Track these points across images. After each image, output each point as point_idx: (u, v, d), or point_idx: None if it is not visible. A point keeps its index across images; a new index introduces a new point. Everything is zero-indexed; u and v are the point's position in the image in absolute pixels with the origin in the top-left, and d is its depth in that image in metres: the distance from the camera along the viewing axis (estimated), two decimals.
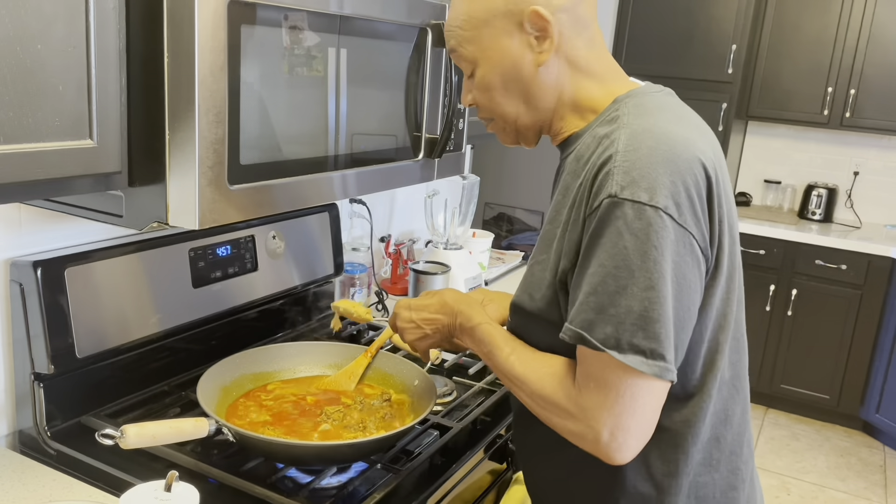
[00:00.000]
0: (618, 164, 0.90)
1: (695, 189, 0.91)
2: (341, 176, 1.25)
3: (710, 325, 0.98)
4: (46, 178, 0.87)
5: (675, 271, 0.89)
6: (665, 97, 1.04)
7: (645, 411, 0.91)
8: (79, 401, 1.32)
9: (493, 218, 3.23)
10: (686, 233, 0.89)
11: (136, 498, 0.96)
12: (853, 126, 3.88)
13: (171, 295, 1.43)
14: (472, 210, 2.38)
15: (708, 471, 1.04)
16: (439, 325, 1.18)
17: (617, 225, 0.88)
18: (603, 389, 0.90)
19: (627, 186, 0.88)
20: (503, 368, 1.04)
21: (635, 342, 0.87)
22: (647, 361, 0.87)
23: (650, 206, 0.87)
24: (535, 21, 0.98)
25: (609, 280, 0.88)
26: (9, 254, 1.27)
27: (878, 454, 3.72)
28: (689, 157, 0.92)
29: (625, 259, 0.87)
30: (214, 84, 0.95)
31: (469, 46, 1.04)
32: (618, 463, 0.93)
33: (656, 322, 0.87)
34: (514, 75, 1.02)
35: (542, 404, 0.98)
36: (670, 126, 0.95)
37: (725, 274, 0.97)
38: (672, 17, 3.99)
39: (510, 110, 1.06)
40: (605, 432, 0.90)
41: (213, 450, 1.25)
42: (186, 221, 0.98)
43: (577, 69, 1.03)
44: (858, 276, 3.71)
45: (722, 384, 1.03)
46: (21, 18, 0.81)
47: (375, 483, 1.22)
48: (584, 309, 0.90)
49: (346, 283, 2.04)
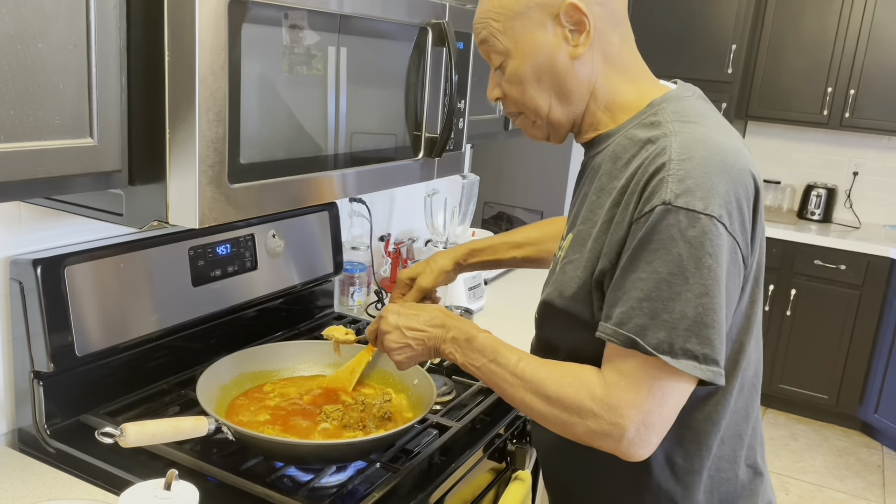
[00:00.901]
0: (672, 171, 0.91)
1: (745, 199, 0.92)
2: (341, 175, 1.25)
3: (736, 327, 0.99)
4: (47, 176, 0.87)
5: (726, 279, 0.90)
6: (700, 103, 1.04)
7: (672, 410, 0.93)
8: (78, 399, 1.32)
9: (492, 217, 3.23)
10: (734, 242, 0.91)
11: (136, 496, 0.96)
12: (853, 126, 3.88)
13: (170, 293, 1.43)
14: (471, 209, 2.38)
15: (731, 467, 1.05)
16: (426, 337, 1.13)
17: (671, 232, 0.89)
18: (635, 387, 0.91)
19: (682, 195, 0.89)
20: (514, 372, 1.01)
21: (689, 347, 0.89)
22: (699, 366, 0.89)
23: (705, 215, 0.88)
24: (572, 14, 0.98)
25: (663, 286, 0.89)
26: (9, 252, 1.27)
27: (877, 454, 3.72)
28: (741, 167, 0.93)
29: (679, 266, 0.88)
30: (215, 83, 0.95)
31: (501, 38, 1.02)
32: (636, 459, 0.94)
33: (710, 328, 0.89)
34: (549, 68, 1.02)
35: (559, 405, 0.96)
36: (719, 136, 0.96)
37: (752, 278, 0.98)
38: (672, 17, 3.99)
39: (542, 104, 1.05)
40: (632, 429, 0.91)
41: (212, 448, 1.25)
42: (186, 220, 0.98)
43: (610, 65, 1.03)
44: (857, 277, 3.72)
45: (745, 382, 1.04)
46: (22, 17, 0.81)
47: (375, 482, 1.22)
48: (636, 314, 0.91)
49: (346, 282, 2.04)
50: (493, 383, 1.05)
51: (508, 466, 1.54)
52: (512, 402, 1.03)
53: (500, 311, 2.20)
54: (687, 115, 0.99)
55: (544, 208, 3.11)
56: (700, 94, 1.08)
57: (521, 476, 1.48)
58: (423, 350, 1.14)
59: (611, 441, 0.93)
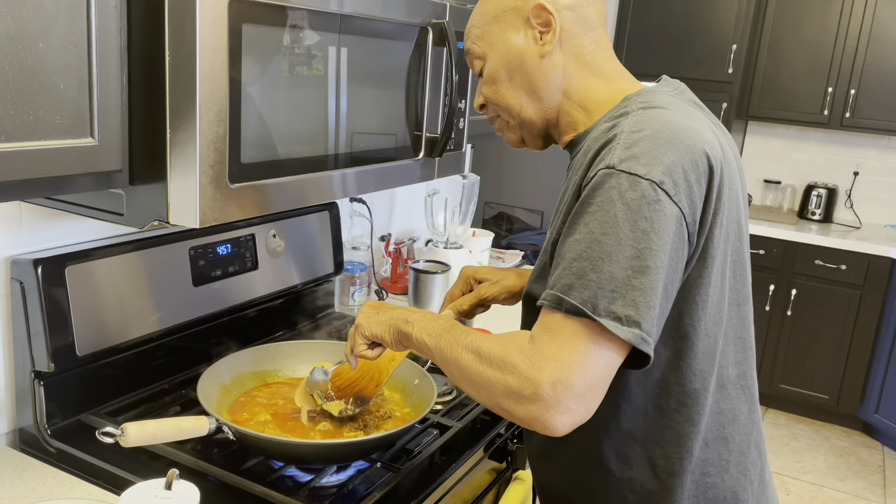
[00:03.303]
0: (621, 141, 0.91)
1: (693, 174, 0.91)
2: (341, 175, 1.25)
3: (705, 319, 0.98)
4: (47, 176, 0.87)
5: (663, 247, 0.88)
6: (674, 97, 1.04)
7: (595, 376, 0.86)
8: (79, 399, 1.32)
9: (492, 217, 3.23)
10: (679, 212, 0.89)
11: (137, 496, 0.96)
12: (853, 126, 3.88)
13: (171, 293, 1.43)
14: (472, 209, 2.38)
15: (718, 471, 1.04)
16: (392, 314, 1.09)
17: (611, 194, 0.88)
18: (556, 341, 0.87)
19: (626, 160, 0.89)
20: (458, 338, 0.97)
21: (613, 308, 0.85)
22: (621, 328, 0.85)
23: (646, 180, 0.87)
24: (539, 13, 1.02)
25: (595, 246, 0.87)
26: (9, 252, 1.27)
27: (877, 454, 3.72)
28: (693, 144, 0.92)
29: (614, 227, 0.87)
30: (215, 82, 0.95)
31: (480, 42, 1.08)
32: (555, 428, 0.87)
33: (637, 291, 0.86)
34: (519, 66, 1.05)
35: (486, 360, 0.91)
36: (678, 117, 0.96)
37: (718, 269, 0.97)
38: (672, 17, 3.99)
39: (514, 102, 1.08)
40: (547, 385, 0.85)
41: (213, 448, 1.25)
42: (187, 220, 0.98)
43: (583, 65, 1.05)
44: (858, 277, 3.71)
45: (727, 382, 1.03)
46: (22, 17, 0.81)
47: (375, 482, 1.22)
48: (566, 274, 0.89)
49: (346, 282, 2.04)
50: (438, 350, 1.00)
51: (509, 466, 1.55)
52: (447, 366, 0.98)
53: (501, 311, 2.19)
54: (654, 103, 0.99)
55: (544, 208, 3.11)
56: (681, 90, 1.08)
57: (521, 476, 1.48)
58: (388, 320, 1.09)
59: (526, 403, 0.86)
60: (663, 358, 0.99)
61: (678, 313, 0.96)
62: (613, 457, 1.04)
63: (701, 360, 0.99)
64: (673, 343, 0.98)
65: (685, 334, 0.97)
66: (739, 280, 1.03)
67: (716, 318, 0.99)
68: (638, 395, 1.01)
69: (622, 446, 1.03)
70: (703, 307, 0.97)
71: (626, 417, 1.02)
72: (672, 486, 1.02)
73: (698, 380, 1.00)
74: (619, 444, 1.03)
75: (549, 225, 1.12)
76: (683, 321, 0.97)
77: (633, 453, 1.03)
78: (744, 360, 1.06)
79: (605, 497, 1.06)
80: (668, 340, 0.98)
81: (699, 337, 0.98)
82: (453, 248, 2.22)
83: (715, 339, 1.00)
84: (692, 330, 0.97)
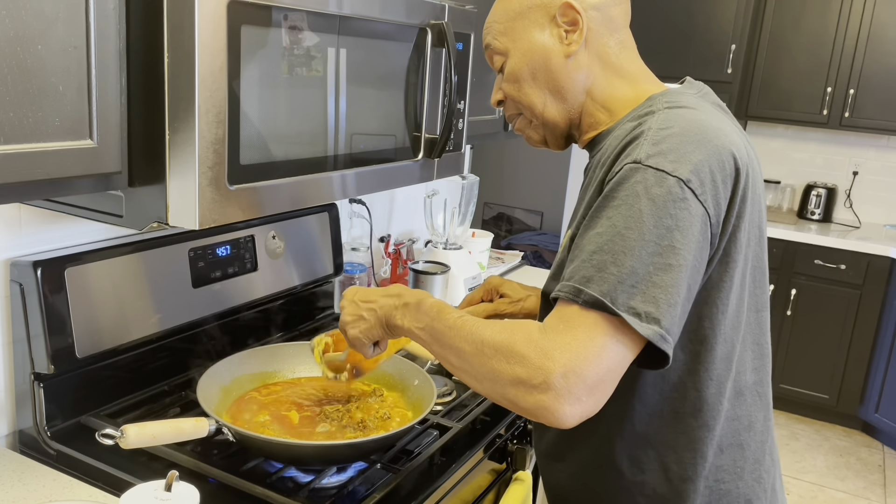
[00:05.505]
0: (648, 137, 0.91)
1: (720, 174, 0.90)
2: (341, 176, 1.25)
3: (724, 323, 0.97)
4: (47, 178, 0.87)
5: (687, 246, 0.86)
6: (699, 99, 1.03)
7: (608, 369, 0.84)
8: (79, 401, 1.32)
9: (492, 218, 3.24)
10: (705, 212, 0.88)
11: (137, 498, 0.96)
12: (852, 126, 3.89)
13: (170, 295, 1.43)
14: (471, 210, 2.38)
15: (732, 478, 1.03)
16: (377, 307, 1.06)
17: (636, 188, 0.87)
18: (572, 331, 0.84)
19: (654, 156, 0.88)
20: (454, 325, 0.94)
21: (632, 304, 0.83)
22: (640, 323, 0.83)
23: (673, 177, 0.86)
24: (566, 12, 1.01)
25: (617, 239, 0.85)
26: (9, 254, 1.27)
27: (878, 454, 3.72)
28: (721, 144, 0.91)
29: (638, 221, 0.85)
30: (214, 84, 0.95)
31: (502, 38, 1.06)
32: (563, 420, 0.84)
33: (658, 288, 0.84)
34: (543, 65, 1.04)
35: (490, 348, 0.88)
36: (706, 117, 0.95)
37: (739, 274, 0.96)
38: (671, 17, 3.99)
39: (537, 101, 1.07)
40: (559, 375, 0.82)
41: (213, 450, 1.25)
42: (186, 221, 0.98)
43: (607, 66, 1.05)
44: (857, 276, 3.72)
45: (744, 388, 1.02)
46: (21, 19, 0.81)
47: (375, 483, 1.22)
48: (585, 266, 0.87)
49: (346, 283, 2.04)
50: (433, 341, 0.97)
51: (509, 467, 1.55)
52: (445, 360, 0.95)
53: None
54: (680, 103, 0.98)
55: (544, 209, 3.11)
56: (705, 92, 1.07)
57: (521, 477, 1.48)
58: (376, 321, 1.07)
59: (535, 392, 0.83)
60: (681, 361, 0.97)
61: (697, 316, 0.95)
62: (625, 459, 1.03)
63: (719, 365, 0.98)
64: (691, 346, 0.97)
65: (704, 338, 0.96)
66: (759, 286, 1.02)
67: (734, 323, 0.98)
68: (653, 398, 1.00)
69: (635, 449, 1.02)
70: (724, 311, 0.96)
71: (641, 420, 1.01)
72: (685, 492, 1.01)
73: (715, 385, 0.98)
74: (631, 447, 1.02)
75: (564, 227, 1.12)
76: (703, 324, 0.95)
77: (646, 457, 1.02)
78: (761, 366, 1.05)
79: (615, 500, 1.05)
80: (686, 344, 0.96)
81: (718, 341, 0.97)
82: (453, 249, 2.22)
83: (733, 345, 0.99)
84: (711, 334, 0.96)
